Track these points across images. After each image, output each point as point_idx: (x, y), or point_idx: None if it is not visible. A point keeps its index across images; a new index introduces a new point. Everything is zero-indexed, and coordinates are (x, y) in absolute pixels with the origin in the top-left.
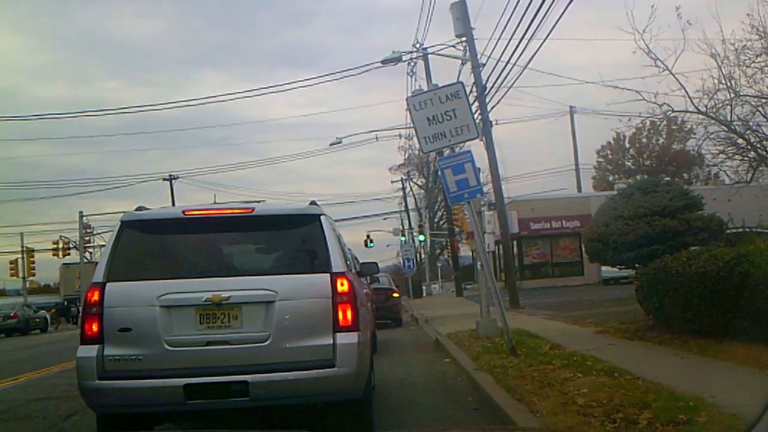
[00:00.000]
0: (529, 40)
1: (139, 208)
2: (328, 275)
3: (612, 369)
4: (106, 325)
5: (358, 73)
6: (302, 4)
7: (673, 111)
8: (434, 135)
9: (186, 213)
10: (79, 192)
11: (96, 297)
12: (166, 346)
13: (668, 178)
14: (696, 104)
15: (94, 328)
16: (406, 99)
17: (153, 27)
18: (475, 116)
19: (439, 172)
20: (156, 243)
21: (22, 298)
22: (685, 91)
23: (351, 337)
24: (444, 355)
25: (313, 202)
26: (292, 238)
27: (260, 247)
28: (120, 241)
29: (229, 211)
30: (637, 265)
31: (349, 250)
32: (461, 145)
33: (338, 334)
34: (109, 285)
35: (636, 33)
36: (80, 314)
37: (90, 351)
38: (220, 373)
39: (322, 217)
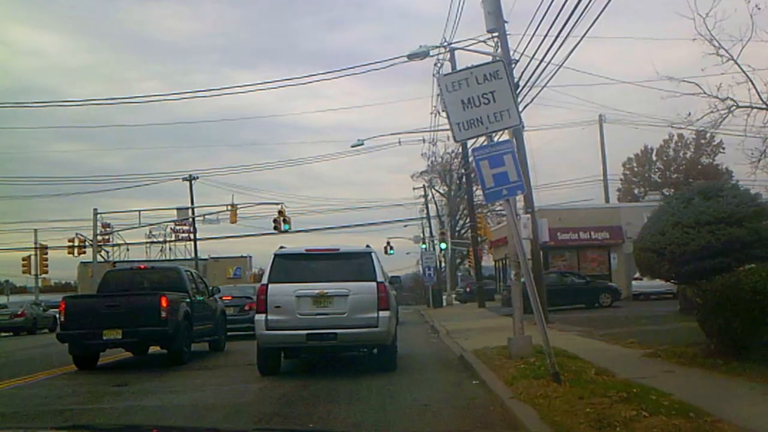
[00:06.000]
0: (566, 38)
1: (281, 248)
2: (375, 283)
3: (684, 406)
4: (269, 304)
5: (383, 68)
6: (341, 10)
7: (738, 106)
8: (469, 121)
9: (306, 250)
10: (102, 190)
11: (263, 290)
12: (298, 315)
13: (734, 182)
14: (765, 99)
15: (262, 306)
16: (437, 78)
17: (193, 29)
18: None
19: (474, 164)
20: (292, 264)
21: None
22: (752, 83)
23: (386, 313)
24: (471, 375)
25: (368, 246)
26: (356, 263)
27: (341, 267)
28: (275, 263)
29: (326, 250)
30: (697, 281)
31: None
32: (499, 134)
33: (380, 312)
34: (270, 285)
35: (698, 17)
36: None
37: (261, 317)
38: (323, 328)
39: (372, 254)
